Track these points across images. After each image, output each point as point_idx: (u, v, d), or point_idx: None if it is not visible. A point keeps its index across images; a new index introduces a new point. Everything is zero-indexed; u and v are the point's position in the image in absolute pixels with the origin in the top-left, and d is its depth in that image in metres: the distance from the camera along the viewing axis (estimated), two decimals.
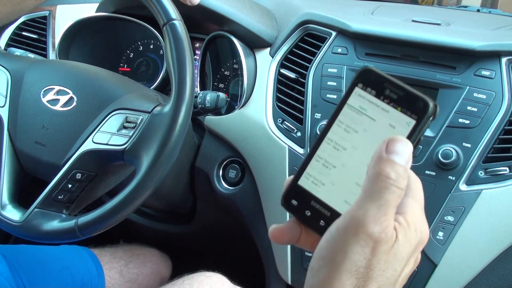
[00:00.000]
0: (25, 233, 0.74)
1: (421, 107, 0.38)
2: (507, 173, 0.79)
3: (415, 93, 0.38)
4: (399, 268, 0.36)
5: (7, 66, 0.85)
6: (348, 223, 0.36)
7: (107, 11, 1.09)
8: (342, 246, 0.35)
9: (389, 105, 0.39)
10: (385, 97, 0.39)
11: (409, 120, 0.38)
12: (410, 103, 0.38)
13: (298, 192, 0.42)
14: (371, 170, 0.36)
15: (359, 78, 0.40)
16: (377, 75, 0.39)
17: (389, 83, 0.39)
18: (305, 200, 0.41)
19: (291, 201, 0.42)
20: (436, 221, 0.80)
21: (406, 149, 0.36)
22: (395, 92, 0.39)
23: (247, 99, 0.98)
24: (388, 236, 0.35)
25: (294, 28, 0.97)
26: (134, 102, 0.78)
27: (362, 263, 0.35)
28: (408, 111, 0.38)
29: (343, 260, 0.35)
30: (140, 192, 0.70)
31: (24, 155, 0.80)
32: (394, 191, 0.36)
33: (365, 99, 0.40)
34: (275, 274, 0.95)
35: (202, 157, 1.03)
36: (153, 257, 1.13)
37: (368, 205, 0.35)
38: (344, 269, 0.35)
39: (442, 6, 1.58)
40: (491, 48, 0.83)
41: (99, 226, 0.71)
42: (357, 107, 0.40)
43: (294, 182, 0.42)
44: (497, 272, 0.80)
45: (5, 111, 0.81)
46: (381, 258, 0.35)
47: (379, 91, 0.39)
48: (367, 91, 0.40)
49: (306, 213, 0.41)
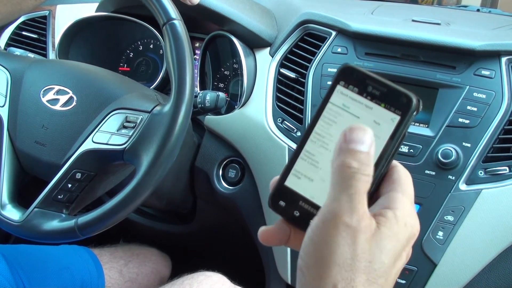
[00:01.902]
0: (25, 233, 0.74)
1: (405, 102, 0.38)
2: (507, 173, 0.79)
3: (398, 88, 0.38)
4: (386, 260, 0.36)
5: (7, 65, 0.85)
6: (325, 217, 0.36)
7: (107, 11, 1.09)
8: (325, 240, 0.35)
9: (372, 101, 0.39)
10: (368, 94, 0.39)
11: (393, 116, 0.38)
12: (393, 99, 0.38)
13: (286, 193, 0.41)
14: (334, 162, 0.37)
15: (340, 76, 0.40)
16: (359, 72, 0.39)
17: (371, 80, 0.39)
18: (293, 200, 0.41)
19: (279, 202, 0.41)
20: (436, 221, 0.80)
21: (365, 135, 0.36)
22: (378, 89, 0.39)
23: (247, 98, 0.98)
24: (367, 223, 0.35)
25: (294, 28, 0.97)
26: (134, 101, 0.78)
27: (347, 255, 0.35)
28: (392, 107, 0.38)
29: (329, 254, 0.35)
30: (140, 192, 0.70)
31: (24, 154, 0.80)
32: (360, 179, 0.36)
33: (347, 97, 0.39)
34: (275, 274, 0.95)
35: (202, 156, 1.03)
36: (152, 256, 1.13)
37: (339, 196, 0.36)
38: (332, 262, 0.35)
39: (442, 6, 1.58)
40: (491, 47, 0.83)
41: (99, 226, 0.71)
42: (340, 105, 0.40)
43: (281, 183, 0.41)
44: (497, 272, 0.80)
45: (5, 111, 0.81)
46: (364, 247, 0.35)
47: (361, 88, 0.39)
48: (349, 89, 0.39)
49: (295, 213, 0.41)
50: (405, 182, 0.39)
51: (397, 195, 0.38)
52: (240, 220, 1.03)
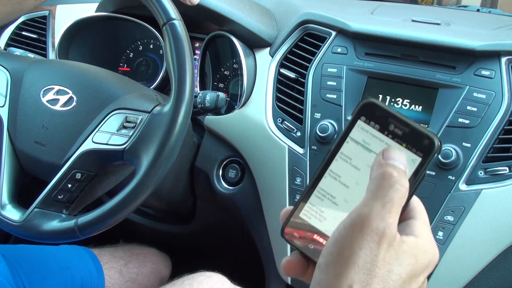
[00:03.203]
0: (25, 233, 0.74)
1: (427, 144, 0.37)
2: (507, 173, 0.79)
3: (421, 130, 0.37)
4: (404, 275, 0.37)
5: (7, 66, 0.85)
6: (354, 220, 0.37)
7: (106, 11, 1.09)
8: (350, 241, 0.36)
9: (393, 140, 0.38)
10: (389, 132, 0.38)
11: (414, 157, 0.38)
12: (415, 140, 0.38)
13: (300, 225, 0.41)
14: (374, 173, 0.37)
15: (361, 111, 0.39)
16: (381, 110, 0.38)
17: (393, 118, 0.38)
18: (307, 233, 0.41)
19: (294, 234, 0.41)
20: (436, 221, 0.80)
21: (401, 155, 0.37)
22: (400, 128, 0.38)
23: (247, 99, 0.98)
24: (393, 232, 0.36)
25: (294, 28, 0.97)
26: (133, 102, 0.78)
27: (368, 258, 0.36)
28: (414, 148, 0.38)
29: (351, 255, 0.36)
30: (140, 192, 0.70)
31: (24, 155, 0.80)
32: (398, 189, 0.37)
33: (368, 133, 0.39)
34: (275, 274, 0.95)
35: (202, 157, 1.03)
36: (152, 256, 1.13)
37: (373, 203, 0.36)
38: (352, 263, 0.36)
39: (442, 6, 1.57)
40: (491, 48, 0.83)
41: (99, 226, 0.71)
42: (360, 141, 0.39)
43: (296, 214, 0.41)
44: (497, 272, 0.80)
45: (5, 111, 0.81)
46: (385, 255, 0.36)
47: (383, 125, 0.38)
48: (370, 125, 0.39)
49: (310, 246, 0.41)
50: (420, 210, 0.40)
51: (417, 222, 0.39)
52: (240, 220, 1.03)
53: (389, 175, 0.37)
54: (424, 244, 0.38)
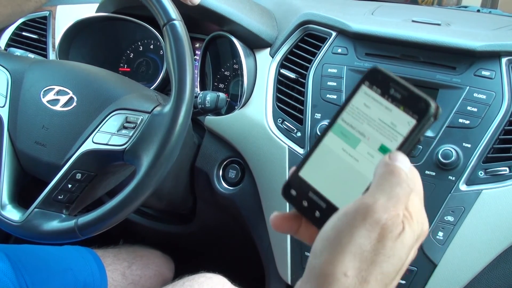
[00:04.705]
0: (25, 233, 0.74)
1: (423, 107, 0.39)
2: (507, 173, 0.79)
3: (418, 93, 0.39)
4: (404, 256, 0.37)
5: (7, 66, 0.85)
6: (357, 208, 0.37)
7: (107, 11, 1.09)
8: (349, 229, 0.37)
9: (392, 103, 0.40)
10: (389, 96, 0.40)
11: (410, 119, 0.39)
12: (412, 103, 0.39)
13: (298, 183, 0.43)
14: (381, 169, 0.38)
15: (367, 77, 0.41)
16: (384, 75, 0.41)
17: (394, 83, 0.40)
18: (304, 190, 0.42)
19: (290, 191, 0.43)
20: (436, 221, 0.80)
21: (406, 161, 0.39)
22: (400, 92, 0.40)
23: (247, 99, 0.98)
24: (395, 224, 0.37)
25: (294, 28, 0.97)
26: (134, 102, 0.78)
27: (367, 247, 0.36)
28: (410, 111, 0.39)
29: (348, 242, 0.36)
30: (140, 192, 0.70)
31: (24, 155, 0.80)
32: (405, 188, 0.37)
33: (370, 97, 0.41)
34: (275, 274, 0.95)
35: (202, 157, 1.03)
36: (156, 258, 1.12)
37: (379, 195, 0.37)
38: (349, 251, 0.36)
39: (442, 6, 1.57)
40: (491, 48, 0.83)
41: (99, 226, 0.71)
42: (362, 104, 0.41)
43: (296, 173, 0.43)
44: (497, 272, 0.80)
45: (5, 111, 0.81)
46: (387, 245, 0.36)
47: (384, 90, 0.40)
48: (373, 90, 0.41)
49: (304, 203, 0.42)
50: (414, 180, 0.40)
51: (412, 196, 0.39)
52: (240, 221, 1.03)
53: (398, 173, 0.38)
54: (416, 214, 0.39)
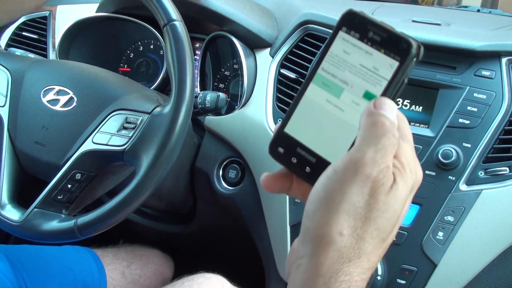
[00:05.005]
0: (24, 233, 0.74)
1: (404, 48, 0.37)
2: (507, 173, 0.79)
3: (398, 33, 0.37)
4: (399, 209, 0.37)
5: (7, 66, 0.85)
6: (346, 164, 0.36)
7: (107, 11, 1.09)
8: (340, 187, 0.36)
9: (372, 47, 0.38)
10: (368, 40, 0.38)
11: (392, 62, 0.38)
12: (393, 45, 0.38)
13: (285, 139, 0.41)
14: (365, 120, 0.37)
15: (343, 22, 0.39)
16: (361, 18, 0.39)
17: (372, 25, 0.38)
18: (291, 147, 0.41)
19: (278, 149, 0.42)
20: (436, 221, 0.80)
21: (392, 107, 0.38)
22: (378, 34, 0.38)
23: (247, 99, 0.98)
24: (386, 177, 0.36)
25: (294, 28, 0.97)
26: (134, 102, 0.78)
27: (360, 204, 0.35)
28: (392, 53, 0.38)
29: (341, 201, 0.36)
30: (139, 193, 0.70)
31: (24, 155, 0.80)
32: (390, 138, 0.36)
33: (348, 43, 0.39)
34: (275, 274, 0.95)
35: (202, 157, 1.03)
36: (155, 258, 1.12)
37: (366, 148, 0.36)
38: (342, 209, 0.35)
39: (442, 6, 1.58)
40: (491, 48, 0.83)
41: (99, 226, 0.71)
42: (341, 51, 0.39)
43: (281, 129, 0.42)
44: (497, 272, 0.80)
45: (5, 111, 0.81)
46: (380, 199, 0.36)
47: (362, 34, 0.39)
48: (351, 35, 0.39)
49: (292, 160, 0.41)
50: (403, 126, 0.39)
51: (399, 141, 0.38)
52: (240, 221, 1.03)
53: (381, 123, 0.36)
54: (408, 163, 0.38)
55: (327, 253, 0.35)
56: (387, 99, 0.37)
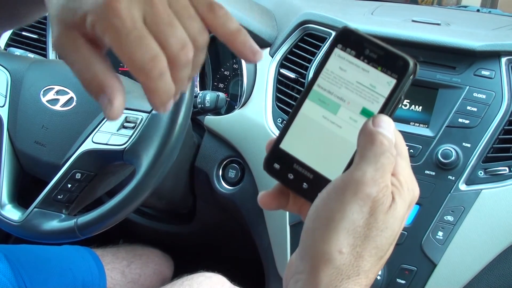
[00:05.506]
0: (24, 232, 0.75)
1: (401, 66, 0.37)
2: (507, 173, 0.79)
3: (394, 52, 0.38)
4: (397, 228, 0.37)
5: (7, 66, 0.85)
6: (346, 183, 0.37)
7: None
8: (341, 205, 0.36)
9: (369, 65, 0.38)
10: (365, 57, 0.38)
11: (389, 79, 0.38)
12: (390, 62, 0.38)
13: (280, 156, 0.41)
14: (364, 138, 0.37)
15: (338, 39, 0.39)
16: (357, 35, 0.39)
17: (368, 43, 0.38)
18: (288, 163, 0.41)
19: (273, 165, 0.41)
20: (436, 221, 0.80)
21: (390, 124, 0.38)
22: (375, 52, 0.38)
23: (246, 99, 0.98)
24: (385, 196, 0.36)
25: (294, 28, 0.97)
26: (133, 101, 0.78)
27: (360, 222, 0.36)
28: (389, 71, 0.38)
29: (341, 219, 0.36)
30: (139, 192, 0.70)
31: (24, 155, 0.80)
32: (389, 157, 0.37)
33: (344, 60, 0.39)
34: (275, 274, 0.95)
35: (202, 157, 1.03)
36: (155, 257, 1.12)
37: (365, 167, 0.36)
38: (342, 227, 0.36)
39: (442, 6, 1.58)
40: (491, 48, 0.83)
41: (99, 226, 0.71)
42: (337, 68, 0.39)
43: (276, 145, 0.41)
44: (497, 272, 0.80)
45: (5, 111, 0.81)
46: (379, 218, 0.36)
47: (358, 51, 0.39)
48: (347, 52, 0.39)
49: (289, 176, 0.41)
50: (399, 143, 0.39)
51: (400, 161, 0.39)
52: (240, 220, 1.03)
53: (380, 142, 0.37)
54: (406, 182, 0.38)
55: (326, 270, 0.36)
56: (385, 116, 0.38)
